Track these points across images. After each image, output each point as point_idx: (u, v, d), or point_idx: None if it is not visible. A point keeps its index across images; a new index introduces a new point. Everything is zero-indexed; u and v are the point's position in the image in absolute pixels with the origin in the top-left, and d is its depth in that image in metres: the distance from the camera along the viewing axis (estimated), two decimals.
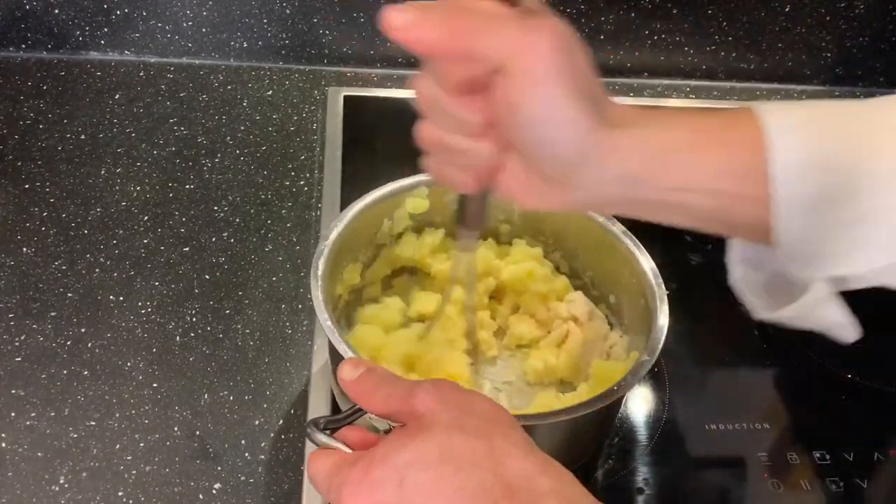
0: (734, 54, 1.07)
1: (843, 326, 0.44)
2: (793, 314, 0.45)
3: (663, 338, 0.58)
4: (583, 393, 0.63)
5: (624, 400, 0.65)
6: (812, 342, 0.75)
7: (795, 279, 0.44)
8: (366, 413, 0.46)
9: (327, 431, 0.45)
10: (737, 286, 0.47)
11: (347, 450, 0.44)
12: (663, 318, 0.60)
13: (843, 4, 1.03)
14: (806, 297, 0.43)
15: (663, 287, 0.62)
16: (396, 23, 0.40)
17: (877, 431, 0.68)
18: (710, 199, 0.43)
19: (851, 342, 0.45)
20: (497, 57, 0.39)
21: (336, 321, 0.57)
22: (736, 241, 0.47)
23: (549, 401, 0.63)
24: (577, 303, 0.70)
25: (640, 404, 0.68)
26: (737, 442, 0.66)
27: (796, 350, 0.74)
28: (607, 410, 0.56)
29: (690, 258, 0.82)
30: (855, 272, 0.42)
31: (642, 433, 0.66)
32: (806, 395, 0.71)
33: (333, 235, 0.63)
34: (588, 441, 0.63)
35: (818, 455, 0.65)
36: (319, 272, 0.60)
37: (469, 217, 0.50)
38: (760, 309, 0.46)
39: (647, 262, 0.64)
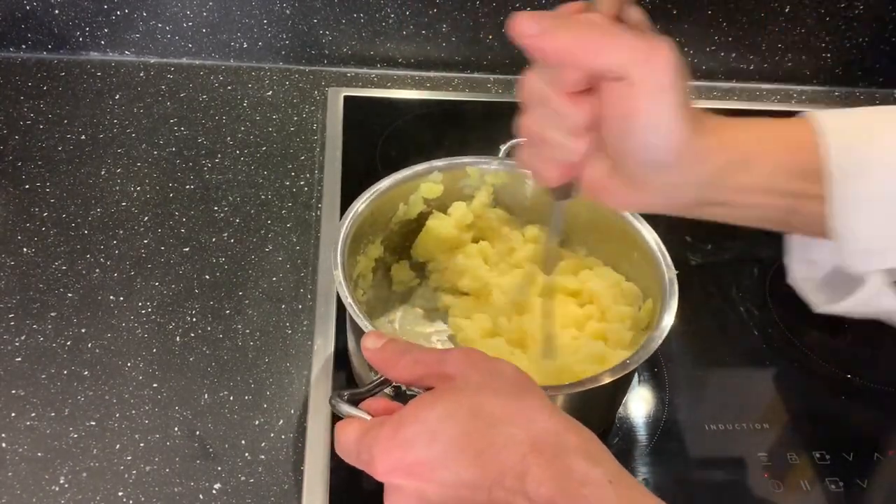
0: (734, 54, 1.07)
1: None
2: (851, 306, 0.48)
3: (672, 315, 0.59)
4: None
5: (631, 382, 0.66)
6: (812, 342, 0.75)
7: (852, 273, 0.47)
8: (388, 385, 0.47)
9: (350, 404, 0.46)
10: (796, 284, 0.51)
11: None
12: (673, 303, 0.60)
13: (843, 4, 1.03)
14: (864, 289, 0.47)
15: (672, 268, 0.63)
16: (530, 31, 0.43)
17: (877, 432, 0.68)
18: (774, 197, 0.46)
19: None
20: (621, 67, 0.42)
21: (356, 299, 0.59)
22: (794, 243, 0.51)
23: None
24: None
25: (640, 404, 0.68)
26: (737, 442, 0.66)
27: (796, 350, 0.74)
28: (615, 385, 0.57)
29: (690, 258, 0.82)
30: None
31: (642, 433, 0.66)
32: (806, 395, 0.71)
33: (351, 218, 0.65)
34: (599, 414, 0.64)
35: (818, 455, 0.65)
36: (339, 251, 0.62)
37: (552, 219, 0.55)
38: (820, 303, 0.50)
39: (652, 238, 0.65)
